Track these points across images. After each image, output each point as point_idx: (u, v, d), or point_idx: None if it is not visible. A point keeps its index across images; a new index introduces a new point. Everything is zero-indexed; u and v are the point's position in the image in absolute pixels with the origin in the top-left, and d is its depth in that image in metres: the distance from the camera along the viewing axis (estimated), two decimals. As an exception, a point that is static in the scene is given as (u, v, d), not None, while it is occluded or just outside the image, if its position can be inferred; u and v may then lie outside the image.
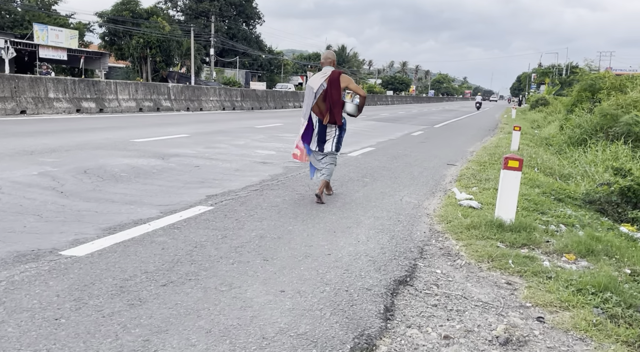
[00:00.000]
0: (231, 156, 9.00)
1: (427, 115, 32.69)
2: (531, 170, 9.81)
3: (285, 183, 6.96)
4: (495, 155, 11.09)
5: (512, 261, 4.36)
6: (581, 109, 16.34)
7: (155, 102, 18.86)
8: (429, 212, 6.00)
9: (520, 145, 13.32)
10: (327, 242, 4.47)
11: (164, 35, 45.47)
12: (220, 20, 64.31)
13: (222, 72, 61.26)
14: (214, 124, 15.30)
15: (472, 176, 8.38)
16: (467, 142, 15.33)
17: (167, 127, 13.43)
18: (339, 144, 6.13)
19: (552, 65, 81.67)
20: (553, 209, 6.66)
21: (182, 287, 3.23)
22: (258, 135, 12.74)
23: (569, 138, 14.05)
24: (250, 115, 21.55)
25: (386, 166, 9.18)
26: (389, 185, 7.41)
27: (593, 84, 17.64)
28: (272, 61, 72.31)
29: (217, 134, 12.53)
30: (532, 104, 48.09)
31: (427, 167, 9.49)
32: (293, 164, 8.70)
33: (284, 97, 29.85)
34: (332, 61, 6.03)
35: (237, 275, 3.52)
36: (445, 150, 12.62)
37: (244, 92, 25.45)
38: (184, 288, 3.22)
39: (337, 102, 5.90)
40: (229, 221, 4.83)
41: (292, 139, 12.65)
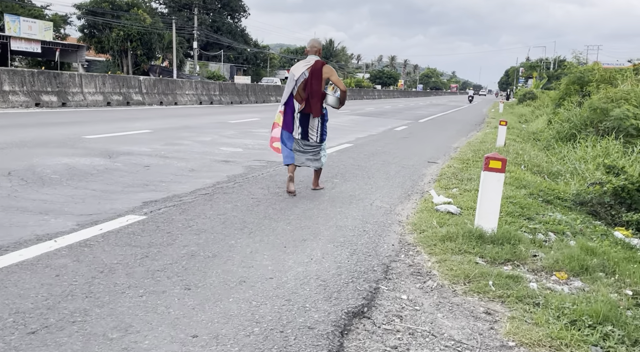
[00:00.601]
0: (191, 154, 8.22)
1: (413, 110, 32.02)
2: (517, 168, 9.13)
3: (243, 185, 6.19)
4: (480, 152, 10.40)
5: (493, 283, 3.65)
6: (570, 103, 15.71)
7: (125, 95, 17.93)
8: (401, 219, 5.28)
9: (506, 141, 12.65)
10: (272, 261, 3.72)
11: (145, 28, 44.32)
12: (204, 13, 63.11)
13: (206, 66, 60.15)
14: (184, 119, 14.47)
15: (453, 175, 7.67)
16: (452, 138, 14.65)
17: (131, 122, 12.57)
18: (323, 134, 6.01)
19: (540, 59, 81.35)
20: (541, 213, 5.97)
21: (58, 334, 2.46)
22: (228, 131, 11.94)
23: (558, 133, 13.41)
24: (228, 109, 20.69)
25: (361, 165, 8.44)
26: (361, 186, 6.67)
27: (581, 77, 17.03)
28: (258, 55, 71.25)
29: (184, 129, 11.72)
30: (519, 98, 47.66)
31: (405, 165, 8.77)
32: (258, 162, 7.94)
33: (265, 91, 28.95)
34: (318, 50, 5.90)
35: (141, 313, 2.76)
36: (427, 147, 11.92)
37: (222, 86, 24.53)
38: (59, 336, 2.44)
39: (316, 93, 5.76)
40: (159, 235, 4.06)
41: (265, 134, 11.87)
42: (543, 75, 65.74)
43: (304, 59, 5.97)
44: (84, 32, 45.11)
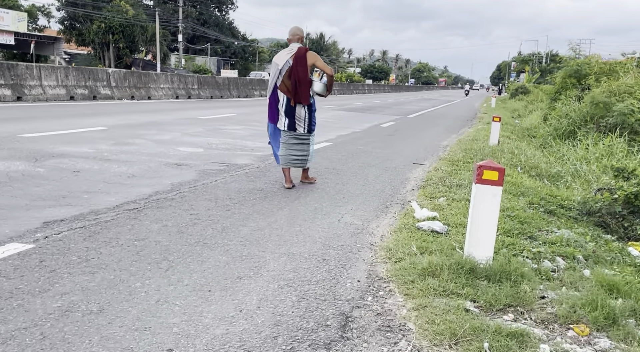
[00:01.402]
0: (139, 156, 7.12)
1: (403, 105, 31.00)
2: (514, 170, 8.13)
3: (186, 197, 5.12)
4: (471, 152, 9.39)
5: (490, 345, 2.62)
6: (567, 97, 14.74)
7: (92, 89, 16.70)
8: (374, 240, 4.24)
9: (500, 138, 11.65)
10: (183, 317, 2.67)
11: (127, 20, 42.93)
12: (191, 6, 61.62)
13: (192, 60, 58.81)
14: (151, 115, 13.32)
15: (441, 180, 6.65)
16: (441, 135, 13.63)
17: (88, 118, 11.42)
18: (311, 125, 5.85)
19: (532, 53, 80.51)
20: (544, 229, 4.98)
21: None
22: (195, 128, 10.83)
23: (555, 130, 12.43)
24: (205, 104, 19.51)
25: (336, 168, 7.39)
26: (331, 196, 5.63)
27: (579, 70, 16.06)
28: (246, 49, 69.90)
29: (145, 126, 10.60)
30: (512, 92, 46.82)
31: (387, 168, 7.73)
32: (216, 166, 6.86)
33: (248, 85, 27.71)
34: (300, 37, 5.80)
35: None
36: (414, 145, 10.88)
37: (201, 80, 23.28)
38: None
39: (304, 81, 5.61)
40: (35, 276, 2.99)
41: (238, 132, 10.79)
42: (535, 69, 64.90)
43: (287, 48, 5.82)
44: (64, 24, 43.65)
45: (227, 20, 68.78)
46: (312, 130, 5.90)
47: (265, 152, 8.37)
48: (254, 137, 10.06)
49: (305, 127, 5.80)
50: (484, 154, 9.08)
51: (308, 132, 5.84)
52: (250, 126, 12.13)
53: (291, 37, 5.80)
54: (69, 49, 53.45)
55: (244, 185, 5.80)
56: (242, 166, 6.97)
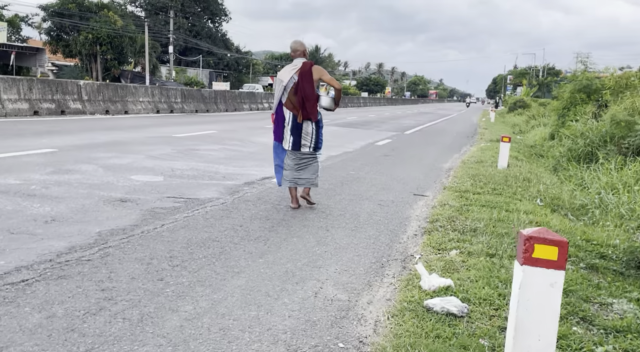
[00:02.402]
0: (77, 189, 5.77)
1: (399, 119, 29.78)
2: (533, 203, 6.84)
3: (110, 255, 3.77)
4: (480, 179, 8.10)
5: None
6: (581, 114, 13.51)
7: (60, 103, 15.31)
8: (364, 332, 2.90)
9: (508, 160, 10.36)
10: None
11: (116, 31, 41.73)
12: (183, 17, 60.59)
13: (184, 72, 57.62)
14: (119, 132, 11.97)
15: (450, 221, 5.33)
16: (442, 155, 12.34)
17: (40, 137, 10.02)
18: (318, 142, 5.64)
19: (528, 67, 79.82)
20: (596, 300, 3.68)
21: None
22: (164, 149, 9.49)
23: (569, 150, 11.14)
24: (186, 119, 18.13)
25: (322, 203, 6.06)
26: (310, 249, 4.29)
27: (589, 85, 14.85)
28: (240, 61, 68.84)
29: (105, 147, 9.24)
30: (510, 106, 45.88)
31: (383, 201, 6.40)
32: (171, 201, 5.52)
33: (237, 99, 26.35)
34: (303, 52, 5.57)
35: None
36: (413, 169, 9.57)
37: (185, 92, 21.88)
38: None
39: (311, 96, 5.44)
40: None
41: (213, 154, 9.48)
42: (533, 82, 64.06)
43: (290, 63, 5.60)
44: (50, 34, 42.40)
45: (220, 32, 67.77)
46: (319, 148, 5.68)
47: (238, 180, 7.03)
48: (229, 161, 8.73)
49: (312, 145, 5.57)
50: (495, 182, 7.79)
51: (314, 150, 5.61)
52: (229, 146, 10.80)
53: (293, 52, 5.57)
54: (57, 61, 52.29)
55: (197, 233, 4.46)
56: (203, 202, 5.63)
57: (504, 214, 5.75)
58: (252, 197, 6.04)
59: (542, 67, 76.72)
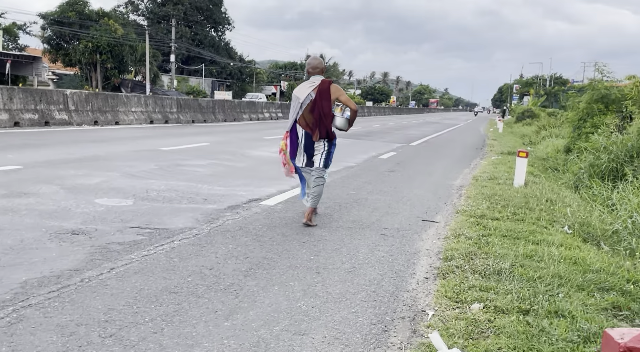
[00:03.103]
0: (23, 217, 4.88)
1: (404, 129, 28.89)
2: (559, 231, 5.91)
3: (16, 326, 2.86)
4: (496, 200, 7.17)
5: None
6: (602, 126, 12.59)
7: (44, 113, 14.44)
8: None
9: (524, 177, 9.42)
10: None
11: (116, 40, 41.13)
12: (185, 26, 60.10)
13: (186, 81, 57.01)
14: (100, 146, 11.09)
15: (467, 259, 4.40)
16: (452, 170, 11.42)
17: (5, 152, 9.14)
18: (327, 159, 5.47)
19: (535, 76, 78.87)
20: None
21: None
22: (145, 165, 8.61)
23: (591, 166, 10.20)
24: (180, 130, 17.23)
25: (313, 234, 5.14)
26: (291, 303, 3.37)
27: (607, 94, 13.90)
28: (243, 70, 68.23)
29: (78, 163, 8.36)
30: (517, 116, 45.01)
31: (387, 230, 5.48)
32: (134, 233, 4.61)
33: (236, 108, 25.47)
34: (322, 69, 5.44)
35: None
36: (421, 187, 8.66)
37: (181, 102, 21.00)
38: None
39: (328, 115, 5.32)
40: None
41: (199, 170, 8.59)
42: (540, 92, 63.09)
43: (307, 80, 5.50)
44: (50, 43, 41.85)
45: (223, 41, 67.25)
46: (328, 165, 5.53)
47: (221, 203, 6.13)
48: (215, 179, 7.84)
49: (322, 162, 5.42)
50: (515, 205, 6.85)
51: (324, 167, 5.44)
52: (220, 161, 9.92)
53: (311, 70, 5.42)
54: (58, 70, 51.81)
55: (152, 281, 3.55)
56: (172, 234, 4.72)
57: (530, 247, 4.82)
58: (233, 227, 5.13)
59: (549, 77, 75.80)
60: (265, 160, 10.66)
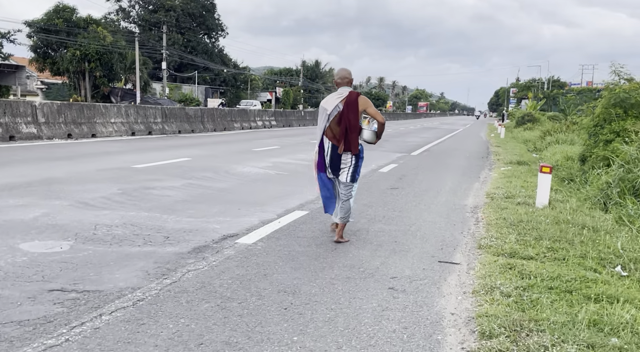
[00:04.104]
0: None
1: (403, 136, 27.69)
2: (614, 274, 4.68)
3: None
4: (524, 228, 5.95)
5: None
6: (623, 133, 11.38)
7: (8, 127, 13.12)
8: None
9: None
10: None
11: (105, 47, 39.89)
12: (178, 32, 58.92)
13: (179, 88, 55.80)
14: (62, 165, 9.77)
15: (513, 332, 3.17)
16: (461, 185, 10.18)
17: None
18: (355, 173, 5.34)
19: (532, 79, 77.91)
20: None
21: None
22: (107, 189, 7.33)
23: (621, 180, 8.97)
24: (162, 143, 15.89)
25: (298, 290, 3.88)
26: None
27: (627, 98, 12.69)
28: (238, 76, 67.03)
29: (23, 188, 7.06)
30: (517, 120, 43.93)
31: (397, 280, 4.23)
32: (46, 306, 3.34)
33: (226, 117, 24.14)
34: (349, 81, 5.35)
35: None
36: (429, 209, 7.41)
37: (166, 112, 19.67)
38: None
39: (355, 127, 5.19)
40: None
41: (170, 193, 7.33)
42: (539, 95, 62.05)
43: (335, 91, 5.38)
44: (36, 51, 40.57)
45: (217, 48, 66.08)
46: (356, 179, 5.40)
47: (186, 243, 4.87)
48: (187, 206, 6.57)
49: (349, 176, 5.31)
50: (549, 235, 5.62)
51: (351, 181, 5.34)
52: (198, 180, 8.66)
53: (340, 80, 5.35)
54: (46, 79, 50.58)
55: None
56: (106, 300, 3.46)
57: (592, 309, 3.59)
58: (193, 284, 3.87)
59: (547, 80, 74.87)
60: (251, 178, 9.40)
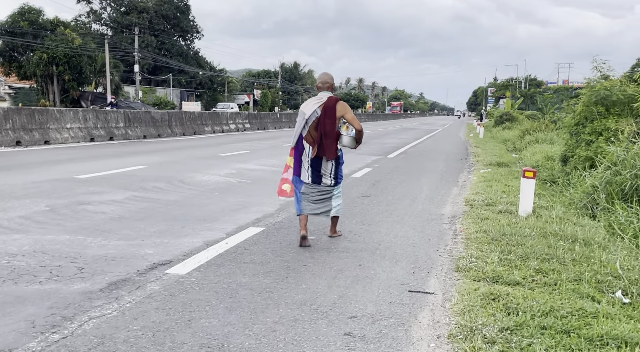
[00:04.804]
0: None
1: (381, 138, 26.99)
2: (615, 303, 3.94)
3: None
4: (508, 246, 5.21)
5: None
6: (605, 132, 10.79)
7: (-55, 135, 12.16)
8: None
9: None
10: None
11: (73, 50, 38.56)
12: (151, 34, 57.59)
13: (153, 92, 54.48)
14: None
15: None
16: (438, 190, 9.44)
17: None
18: (338, 177, 5.33)
19: (510, 79, 78.08)
20: None
21: None
22: (33, 205, 6.40)
23: (609, 183, 8.31)
24: (120, 149, 14.77)
25: (228, 341, 3.05)
26: None
27: (609, 95, 12.12)
28: (214, 79, 65.86)
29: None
30: (496, 119, 43.68)
31: (356, 321, 3.42)
32: None
33: (196, 120, 23.13)
34: (330, 85, 5.34)
35: None
36: (403, 222, 6.63)
37: (130, 116, 18.61)
38: None
39: (330, 134, 5.14)
40: None
41: (107, 210, 6.42)
42: (517, 94, 61.99)
43: (314, 95, 5.41)
44: (2, 55, 39.09)
45: (192, 50, 64.83)
46: (339, 182, 5.33)
47: (102, 276, 4.00)
48: (123, 224, 5.69)
49: (332, 180, 5.27)
50: (536, 252, 4.89)
51: (335, 185, 5.29)
52: (146, 192, 7.76)
53: (321, 85, 5.31)
54: (14, 83, 48.88)
55: None
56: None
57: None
58: (88, 342, 3.00)
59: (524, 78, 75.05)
60: (209, 187, 8.54)
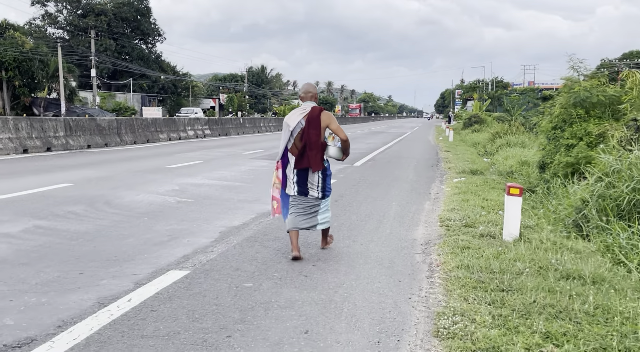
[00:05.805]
0: None
1: (348, 143, 25.84)
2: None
3: None
4: (500, 293, 4.08)
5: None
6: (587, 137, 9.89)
7: None
8: None
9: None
10: None
11: (24, 54, 36.38)
12: (110, 38, 55.37)
13: (113, 97, 52.32)
14: None
15: None
16: (409, 207, 8.30)
17: None
18: (325, 190, 5.19)
19: (477, 81, 78.37)
20: None
21: None
22: None
23: (600, 197, 7.30)
24: (51, 162, 12.95)
25: None
26: None
27: (589, 97, 11.23)
28: (178, 83, 63.91)
29: None
30: (465, 122, 43.26)
31: None
32: None
33: (149, 127, 21.49)
34: (314, 95, 5.24)
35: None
36: (367, 256, 5.44)
37: (71, 124, 16.94)
38: None
39: (315, 144, 5.03)
40: None
41: None
42: (484, 96, 61.97)
43: (299, 106, 5.29)
44: (-54, 60, 36.58)
45: (154, 53, 62.76)
46: (327, 196, 5.21)
47: None
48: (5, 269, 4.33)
49: (319, 193, 5.13)
50: (539, 307, 3.75)
51: (322, 198, 5.15)
52: (56, 220, 6.38)
53: (304, 95, 5.22)
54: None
55: None
56: None
57: None
58: None
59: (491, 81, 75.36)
60: (139, 210, 7.20)
